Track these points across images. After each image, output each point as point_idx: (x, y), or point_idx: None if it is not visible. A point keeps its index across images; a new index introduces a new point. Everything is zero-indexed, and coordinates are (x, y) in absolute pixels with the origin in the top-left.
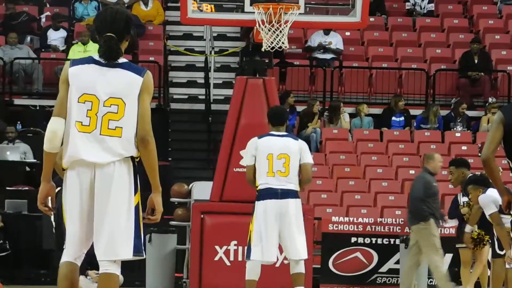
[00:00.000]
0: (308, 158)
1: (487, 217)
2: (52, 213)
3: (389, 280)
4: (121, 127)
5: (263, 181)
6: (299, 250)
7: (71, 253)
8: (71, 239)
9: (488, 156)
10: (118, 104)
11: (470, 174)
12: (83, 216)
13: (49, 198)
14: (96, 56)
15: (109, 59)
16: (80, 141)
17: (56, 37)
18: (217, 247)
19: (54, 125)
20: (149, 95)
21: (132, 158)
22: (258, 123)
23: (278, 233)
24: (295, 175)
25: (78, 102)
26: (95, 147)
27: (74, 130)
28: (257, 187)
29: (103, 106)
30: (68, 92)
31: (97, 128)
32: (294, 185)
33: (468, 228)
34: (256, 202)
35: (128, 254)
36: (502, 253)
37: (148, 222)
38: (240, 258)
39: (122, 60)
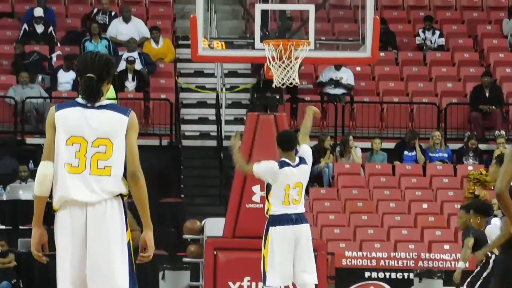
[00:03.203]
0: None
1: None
2: (45, 259)
3: None
4: (110, 166)
5: (277, 208)
6: (312, 274)
7: None
8: (63, 283)
9: (502, 189)
10: (106, 144)
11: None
12: (75, 257)
13: (42, 244)
14: (80, 100)
15: (89, 98)
16: (71, 182)
17: (66, 79)
18: (230, 284)
19: (44, 169)
20: (135, 133)
21: (121, 196)
22: (270, 159)
23: (293, 257)
24: (303, 198)
25: (66, 144)
26: (86, 187)
27: (64, 172)
28: (268, 212)
29: (91, 147)
30: (56, 136)
31: (86, 169)
32: (303, 208)
33: (461, 264)
34: (270, 227)
35: None
36: None
37: (141, 260)
38: None
39: (106, 102)
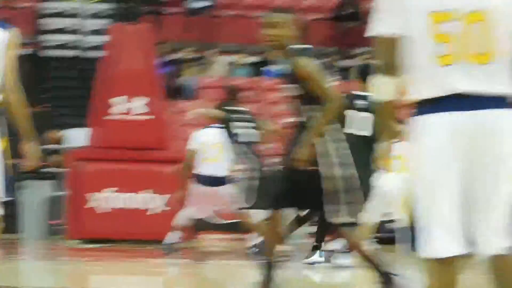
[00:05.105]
0: None
1: None
2: None
3: None
4: None
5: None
6: None
7: None
8: None
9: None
10: None
11: None
12: None
13: None
14: None
15: None
16: None
17: None
18: (93, 194)
19: None
20: (15, 48)
21: None
22: (132, 70)
23: None
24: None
25: None
26: None
27: None
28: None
29: None
30: None
31: None
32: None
33: None
34: None
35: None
36: None
37: (24, 168)
38: (115, 205)
39: None
